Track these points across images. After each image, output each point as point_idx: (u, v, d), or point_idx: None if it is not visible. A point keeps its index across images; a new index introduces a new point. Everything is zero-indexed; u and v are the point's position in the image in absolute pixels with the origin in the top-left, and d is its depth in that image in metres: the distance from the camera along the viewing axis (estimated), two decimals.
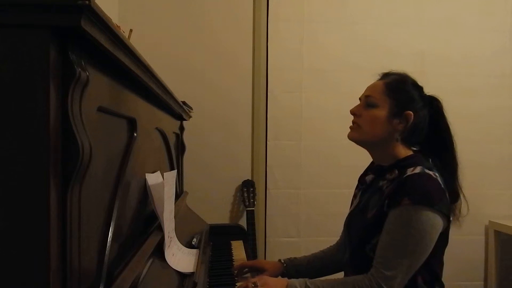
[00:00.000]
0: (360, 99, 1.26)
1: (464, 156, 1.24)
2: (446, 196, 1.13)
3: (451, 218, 1.14)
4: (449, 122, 1.24)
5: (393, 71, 1.26)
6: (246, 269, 1.43)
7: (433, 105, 1.23)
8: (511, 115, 2.60)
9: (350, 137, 1.24)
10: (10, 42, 0.51)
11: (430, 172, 1.13)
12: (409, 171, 1.13)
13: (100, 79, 0.68)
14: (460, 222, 1.20)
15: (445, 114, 1.24)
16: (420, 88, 1.24)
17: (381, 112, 1.18)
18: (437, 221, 1.08)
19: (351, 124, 1.24)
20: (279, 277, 1.32)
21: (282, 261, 1.40)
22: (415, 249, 1.07)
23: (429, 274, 1.14)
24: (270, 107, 2.44)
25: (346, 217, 1.36)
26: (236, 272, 1.41)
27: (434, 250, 1.10)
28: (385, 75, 1.26)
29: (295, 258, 1.43)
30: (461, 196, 1.21)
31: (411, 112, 1.17)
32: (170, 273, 1.03)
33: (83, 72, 0.57)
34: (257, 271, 1.37)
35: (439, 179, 1.13)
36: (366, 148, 1.27)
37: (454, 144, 1.23)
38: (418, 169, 1.12)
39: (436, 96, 1.25)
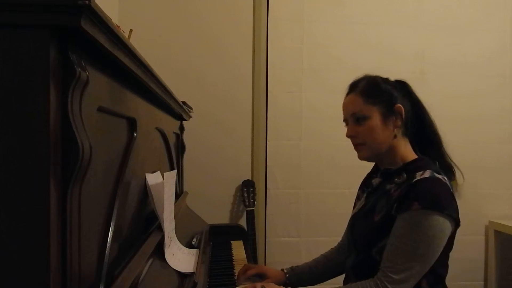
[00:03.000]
0: (345, 120, 1.24)
1: (464, 156, 1.24)
2: (455, 200, 1.13)
3: (459, 221, 1.13)
4: (420, 99, 1.24)
5: (357, 78, 1.26)
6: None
7: (404, 88, 1.23)
8: (511, 115, 2.61)
9: (361, 158, 1.23)
10: (10, 42, 0.51)
11: (440, 176, 1.12)
12: (418, 175, 1.12)
13: (100, 79, 0.68)
14: (459, 193, 1.19)
15: (414, 92, 1.25)
16: (388, 80, 1.24)
17: (375, 121, 1.17)
18: (447, 226, 1.08)
19: (355, 147, 1.23)
20: (282, 287, 1.32)
21: (285, 271, 1.38)
22: (425, 253, 1.07)
23: (433, 278, 1.14)
24: (270, 107, 2.44)
25: (350, 220, 1.35)
26: (239, 279, 1.38)
27: (441, 254, 1.10)
28: (353, 86, 1.24)
29: (296, 266, 1.40)
30: (455, 167, 1.22)
31: (399, 104, 1.18)
32: (170, 273, 1.03)
33: (83, 72, 0.57)
34: (260, 277, 1.35)
35: (448, 183, 1.13)
36: (377, 161, 1.27)
37: (432, 119, 1.24)
38: (427, 173, 1.12)
39: (400, 79, 1.26)
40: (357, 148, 1.22)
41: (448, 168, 1.21)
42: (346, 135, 1.23)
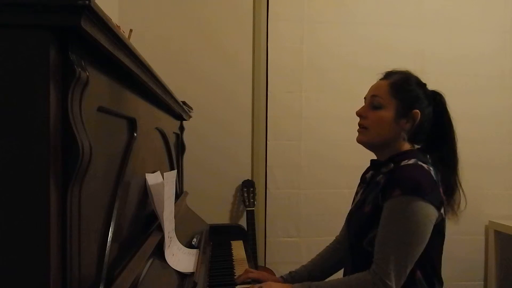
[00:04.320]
0: (365, 98, 1.26)
1: (464, 156, 1.24)
2: (438, 189, 1.13)
3: (442, 211, 1.13)
4: (452, 117, 1.24)
5: (396, 70, 1.26)
6: (249, 280, 1.39)
7: (437, 101, 1.23)
8: (511, 115, 2.60)
9: (359, 141, 1.24)
10: (10, 42, 0.51)
11: (423, 165, 1.13)
12: (403, 164, 1.13)
13: (100, 79, 0.68)
14: (459, 218, 1.19)
15: (448, 109, 1.24)
16: (423, 86, 1.24)
17: (388, 113, 1.18)
18: (430, 211, 1.08)
19: (358, 127, 1.24)
20: (280, 283, 1.31)
21: (284, 278, 1.38)
22: (412, 240, 1.07)
23: (427, 269, 1.14)
24: (270, 107, 2.44)
25: (347, 215, 1.36)
26: (238, 279, 1.38)
27: (431, 245, 1.10)
28: (388, 75, 1.25)
29: (295, 272, 1.39)
30: (460, 191, 1.21)
31: (418, 111, 1.17)
32: (170, 273, 1.03)
33: (83, 72, 0.57)
34: (259, 282, 1.35)
35: (432, 172, 1.13)
36: (373, 150, 1.27)
37: (455, 139, 1.23)
38: (411, 161, 1.13)
39: (439, 91, 1.25)
40: (359, 130, 1.24)
41: (450, 188, 1.19)
42: (356, 112, 1.24)
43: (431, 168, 1.14)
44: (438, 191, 1.12)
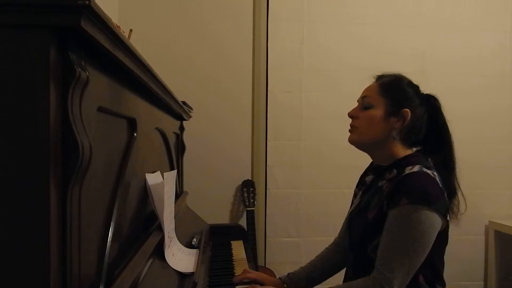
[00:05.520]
0: (358, 101, 1.27)
1: (464, 156, 1.24)
2: (444, 196, 1.13)
3: (448, 218, 1.13)
4: (447, 120, 1.24)
5: (387, 73, 1.27)
6: (247, 280, 1.39)
7: (431, 103, 1.23)
8: (511, 115, 2.61)
9: (350, 140, 1.24)
10: (10, 42, 0.51)
11: (429, 171, 1.12)
12: (407, 170, 1.13)
13: (100, 79, 0.68)
14: (459, 220, 1.20)
15: (443, 112, 1.24)
16: (415, 87, 1.24)
17: (378, 112, 1.19)
18: (436, 220, 1.08)
19: (350, 128, 1.25)
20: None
21: (282, 280, 1.37)
22: (415, 248, 1.07)
23: (430, 273, 1.14)
24: (270, 107, 2.44)
25: (346, 218, 1.36)
26: (236, 278, 1.37)
27: (434, 249, 1.10)
28: (380, 77, 1.27)
29: (293, 274, 1.39)
30: (459, 194, 1.21)
31: (407, 109, 1.17)
32: (170, 273, 1.03)
33: (83, 72, 0.57)
34: (257, 283, 1.34)
35: (437, 178, 1.13)
36: (366, 151, 1.27)
37: (452, 142, 1.24)
38: (416, 168, 1.12)
39: (433, 94, 1.25)
40: (350, 130, 1.25)
41: (451, 191, 1.19)
42: (348, 114, 1.25)
43: (436, 174, 1.14)
44: (444, 199, 1.12)
